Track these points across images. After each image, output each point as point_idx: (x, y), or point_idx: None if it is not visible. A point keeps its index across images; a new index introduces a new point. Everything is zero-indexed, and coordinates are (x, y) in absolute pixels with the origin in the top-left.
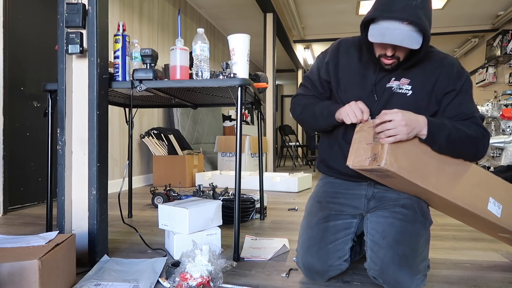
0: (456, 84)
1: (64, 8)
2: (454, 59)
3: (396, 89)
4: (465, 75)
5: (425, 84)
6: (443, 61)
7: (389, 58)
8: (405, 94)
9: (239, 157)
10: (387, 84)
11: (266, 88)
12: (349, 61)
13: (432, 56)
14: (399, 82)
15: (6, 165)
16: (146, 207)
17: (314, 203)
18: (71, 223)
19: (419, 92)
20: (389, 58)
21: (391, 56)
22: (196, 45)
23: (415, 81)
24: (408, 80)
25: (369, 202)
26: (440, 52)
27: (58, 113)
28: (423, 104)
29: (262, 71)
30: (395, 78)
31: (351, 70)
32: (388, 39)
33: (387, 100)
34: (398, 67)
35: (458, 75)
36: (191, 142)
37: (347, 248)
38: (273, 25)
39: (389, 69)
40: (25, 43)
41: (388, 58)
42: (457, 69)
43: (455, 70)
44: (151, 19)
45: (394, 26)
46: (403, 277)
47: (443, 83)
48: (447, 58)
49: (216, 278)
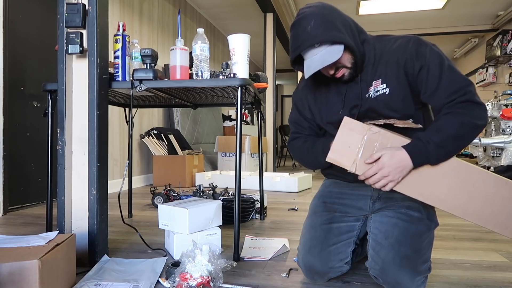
0: (420, 59)
1: (64, 8)
2: (410, 36)
3: (372, 93)
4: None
5: (396, 74)
6: (400, 45)
7: (337, 72)
8: (384, 93)
9: (239, 157)
10: (366, 94)
11: (266, 88)
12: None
13: (389, 46)
14: (372, 86)
15: (6, 165)
16: (146, 207)
17: (319, 203)
18: (71, 223)
19: (396, 84)
20: (336, 72)
21: (336, 72)
22: (196, 45)
23: (386, 77)
24: (379, 79)
25: (374, 203)
26: (396, 37)
27: (58, 113)
28: (405, 94)
29: (262, 71)
30: (367, 85)
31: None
32: (313, 69)
33: (367, 108)
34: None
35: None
36: (191, 142)
37: (349, 251)
38: (273, 25)
39: (348, 78)
40: (25, 43)
41: (336, 73)
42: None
43: (413, 47)
44: (151, 19)
45: (311, 55)
46: (404, 278)
47: (410, 64)
48: (403, 39)
49: (216, 278)
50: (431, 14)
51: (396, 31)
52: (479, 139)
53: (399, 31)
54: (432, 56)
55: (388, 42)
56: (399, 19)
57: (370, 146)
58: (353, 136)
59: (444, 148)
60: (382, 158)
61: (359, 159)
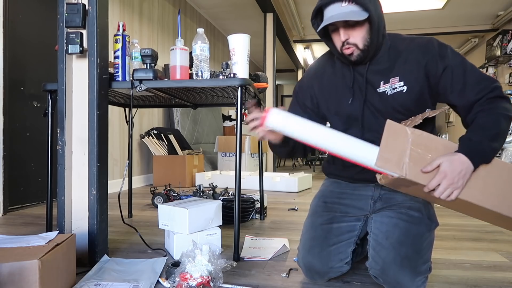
0: (444, 60)
1: (64, 8)
2: (428, 37)
3: (389, 91)
4: (448, 48)
5: (416, 73)
6: (420, 45)
7: (346, 47)
8: (401, 91)
9: (239, 157)
10: (377, 89)
11: (266, 88)
12: (329, 77)
13: (406, 44)
14: (389, 83)
15: (6, 165)
16: (146, 207)
17: (320, 203)
18: (71, 223)
19: (414, 84)
20: (346, 46)
21: (347, 43)
22: (196, 45)
23: (405, 75)
24: (397, 77)
25: (375, 203)
26: (412, 37)
27: (58, 113)
28: (421, 94)
29: (262, 71)
30: (383, 81)
31: (333, 85)
32: (331, 19)
33: (384, 105)
34: (365, 59)
35: (441, 51)
36: (191, 142)
37: (349, 251)
38: (273, 25)
39: (355, 60)
40: (25, 43)
41: (346, 47)
42: (436, 47)
43: (434, 48)
44: (151, 19)
45: (334, 9)
46: (404, 278)
47: (432, 66)
48: (421, 39)
49: (216, 278)
50: (431, 14)
51: (396, 31)
52: None
53: (399, 31)
54: (454, 57)
55: (404, 41)
56: (399, 19)
57: (417, 148)
58: (398, 140)
59: (495, 144)
60: (442, 166)
61: (407, 163)
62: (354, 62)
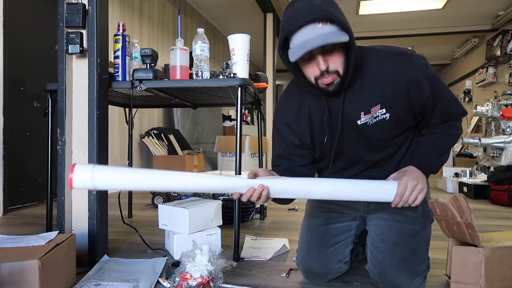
0: (426, 84)
1: (64, 8)
2: (405, 54)
3: (371, 121)
4: (427, 70)
5: (398, 99)
6: (400, 65)
7: (326, 76)
8: (383, 119)
9: (239, 157)
10: (357, 121)
11: (266, 88)
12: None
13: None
14: (370, 113)
15: (6, 165)
16: (146, 207)
17: (315, 203)
18: (71, 223)
19: (397, 109)
20: (325, 75)
21: (327, 72)
22: (196, 45)
23: (385, 101)
24: (378, 105)
25: (369, 204)
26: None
27: (58, 113)
28: (407, 116)
29: (262, 71)
30: (363, 112)
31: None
32: (309, 46)
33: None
34: (343, 86)
35: (423, 75)
36: (191, 142)
37: (347, 251)
38: (273, 25)
39: (335, 90)
40: (25, 43)
41: (325, 76)
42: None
43: (414, 69)
44: (151, 19)
45: (308, 33)
46: (402, 280)
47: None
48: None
49: (216, 278)
50: (431, 14)
51: (396, 31)
52: (479, 139)
53: (399, 31)
54: (436, 81)
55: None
56: (399, 19)
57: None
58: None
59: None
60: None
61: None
62: (331, 93)
